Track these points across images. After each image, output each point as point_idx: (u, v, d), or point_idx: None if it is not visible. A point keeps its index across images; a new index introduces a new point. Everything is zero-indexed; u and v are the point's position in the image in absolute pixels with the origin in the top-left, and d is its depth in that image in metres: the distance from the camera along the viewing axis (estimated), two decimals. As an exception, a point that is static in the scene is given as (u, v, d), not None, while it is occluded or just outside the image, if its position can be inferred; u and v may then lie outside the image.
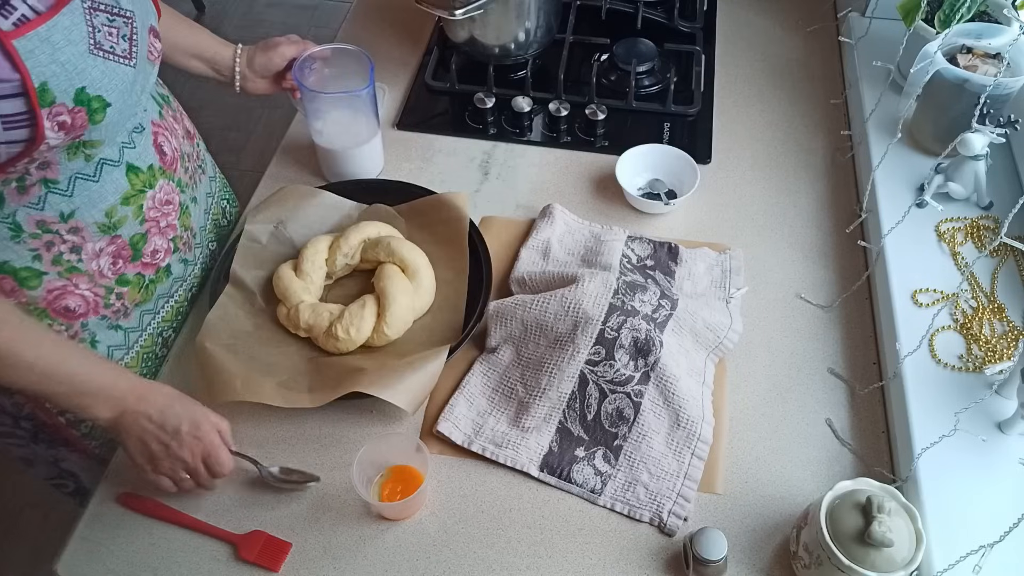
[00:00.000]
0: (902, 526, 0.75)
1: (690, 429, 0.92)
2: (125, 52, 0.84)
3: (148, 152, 0.94)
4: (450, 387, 0.98)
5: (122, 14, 0.84)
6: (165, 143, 0.98)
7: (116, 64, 0.83)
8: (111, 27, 0.83)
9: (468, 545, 0.86)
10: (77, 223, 0.89)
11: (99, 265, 0.93)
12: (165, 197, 0.97)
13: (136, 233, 0.95)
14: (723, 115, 1.29)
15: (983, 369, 0.93)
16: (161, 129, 0.97)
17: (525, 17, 1.30)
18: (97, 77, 0.80)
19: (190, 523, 0.88)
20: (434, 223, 1.10)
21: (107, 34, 0.82)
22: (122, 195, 0.91)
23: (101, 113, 0.82)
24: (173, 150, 1.00)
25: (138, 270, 0.97)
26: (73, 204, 0.87)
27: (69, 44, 0.77)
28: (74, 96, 0.79)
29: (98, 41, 0.80)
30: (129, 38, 0.85)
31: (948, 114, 1.10)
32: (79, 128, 0.81)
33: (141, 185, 0.93)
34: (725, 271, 1.07)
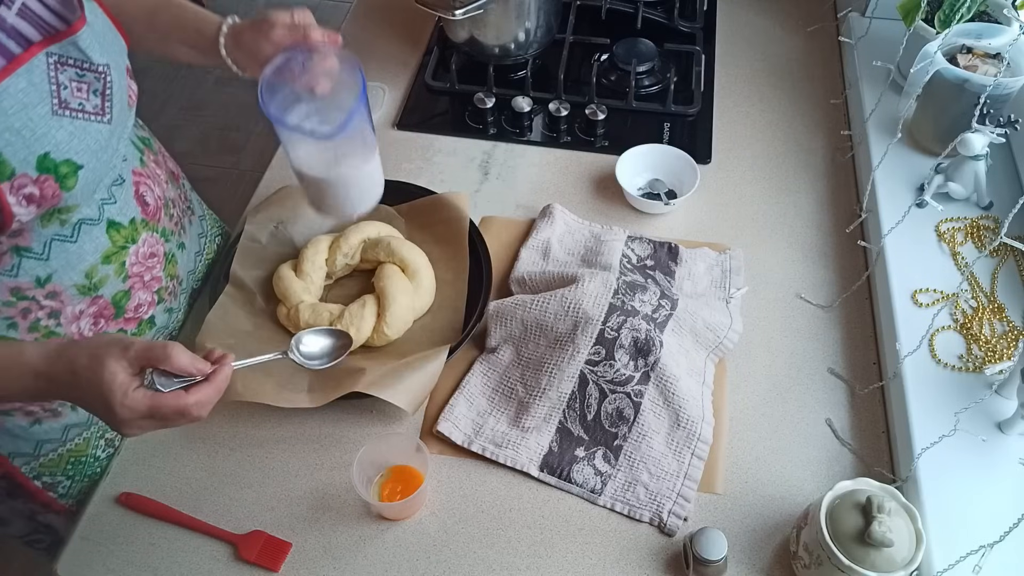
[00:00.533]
0: (902, 526, 0.75)
1: (690, 429, 0.92)
2: (97, 108, 0.77)
3: (130, 205, 0.88)
4: (450, 387, 0.98)
5: (93, 69, 0.77)
6: (148, 192, 0.91)
7: (86, 122, 0.76)
8: (80, 82, 0.76)
9: (468, 545, 0.86)
10: (55, 287, 0.82)
11: (79, 327, 0.87)
12: (149, 250, 0.92)
13: (119, 291, 0.89)
14: (723, 115, 1.29)
15: (983, 369, 0.93)
16: (143, 178, 0.91)
17: (525, 17, 1.30)
18: (63, 140, 0.73)
19: (190, 523, 0.88)
20: (434, 223, 1.10)
21: (75, 91, 0.75)
22: (103, 254, 0.85)
23: (72, 178, 0.75)
24: (156, 199, 0.93)
25: (120, 326, 0.92)
26: (50, 268, 0.81)
27: (24, 108, 0.70)
28: (36, 164, 0.71)
29: (63, 100, 0.73)
30: (102, 92, 0.78)
31: (948, 114, 1.10)
32: (51, 199, 0.74)
33: (123, 241, 0.87)
34: (725, 271, 1.07)
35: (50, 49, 0.73)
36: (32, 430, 0.91)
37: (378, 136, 1.27)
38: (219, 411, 0.96)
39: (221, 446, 0.94)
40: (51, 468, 0.95)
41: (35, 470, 0.95)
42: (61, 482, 0.97)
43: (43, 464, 0.94)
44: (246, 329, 1.01)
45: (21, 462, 0.93)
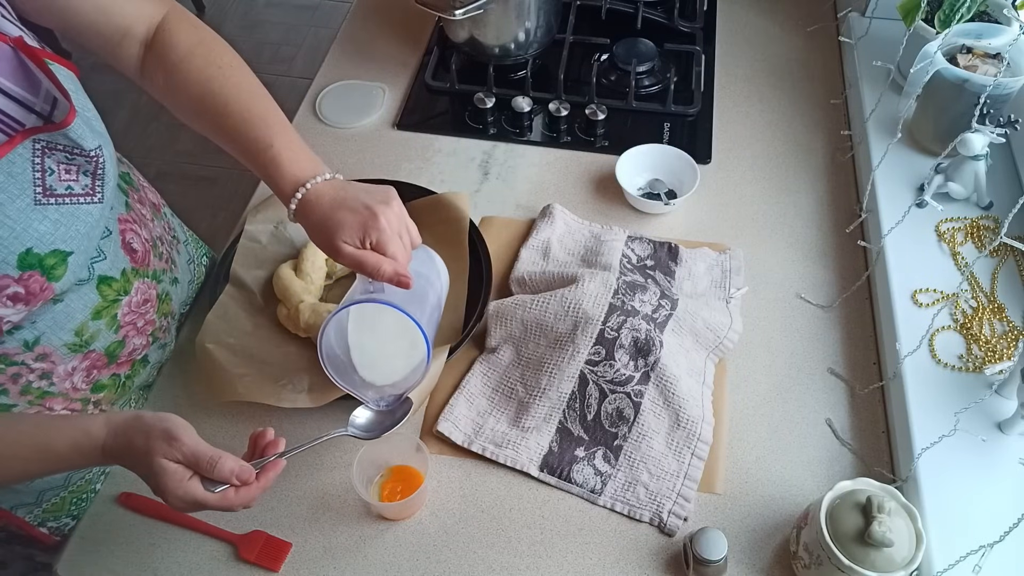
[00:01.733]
0: (902, 526, 0.75)
1: (690, 429, 0.92)
2: (87, 189, 0.72)
3: (119, 257, 0.83)
4: (450, 387, 0.98)
5: (84, 154, 0.72)
6: (135, 239, 0.86)
7: (75, 207, 0.71)
8: (69, 165, 0.70)
9: (468, 545, 0.86)
10: (44, 349, 0.78)
11: (72, 383, 0.84)
12: (142, 298, 0.88)
13: (112, 342, 0.86)
14: (723, 115, 1.29)
15: (983, 369, 0.92)
16: (129, 224, 0.86)
17: (525, 17, 1.30)
18: (47, 231, 0.68)
19: (190, 523, 0.88)
20: (434, 223, 1.10)
21: (62, 174, 0.70)
22: (92, 310, 0.81)
23: (61, 267, 0.70)
24: (144, 243, 0.88)
25: (113, 372, 0.89)
26: (37, 331, 0.77)
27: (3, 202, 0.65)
28: (17, 263, 0.67)
29: (48, 187, 0.68)
30: (92, 173, 0.73)
31: (948, 114, 1.10)
32: (41, 293, 0.70)
33: (115, 295, 0.83)
34: (725, 271, 1.07)
35: (38, 136, 0.68)
36: (33, 484, 0.89)
37: (378, 135, 1.28)
38: (219, 411, 0.96)
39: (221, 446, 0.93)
40: (55, 513, 0.93)
41: (39, 517, 0.92)
42: (67, 523, 0.95)
43: (46, 511, 0.93)
44: (246, 329, 1.01)
45: (24, 512, 0.91)
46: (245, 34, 3.10)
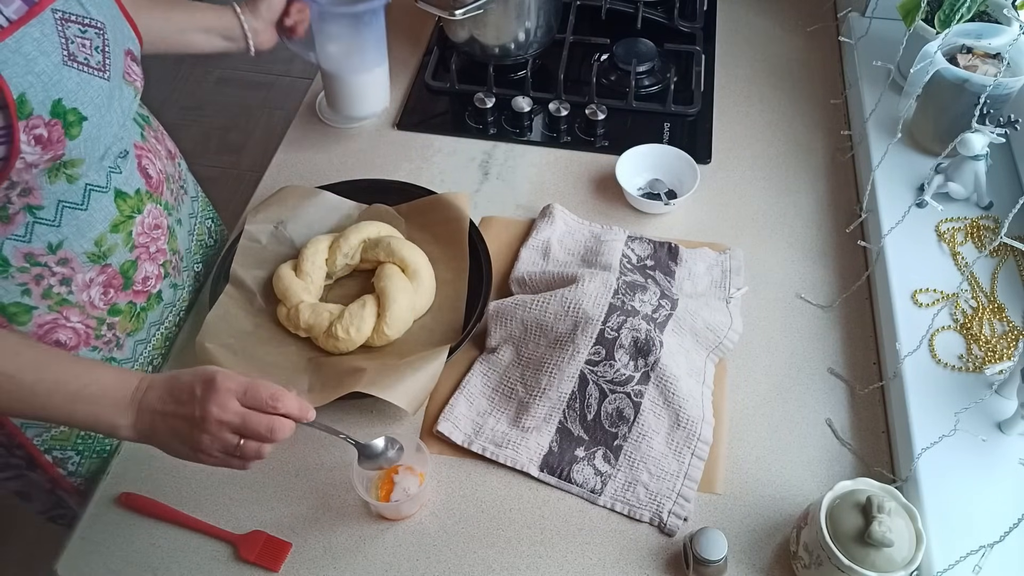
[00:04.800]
0: (902, 526, 0.75)
1: (690, 429, 0.92)
2: (99, 64, 0.81)
3: (134, 176, 0.91)
4: (450, 387, 0.98)
5: (93, 25, 0.81)
6: (150, 165, 0.95)
7: (91, 76, 0.79)
8: (83, 38, 0.79)
9: (468, 545, 0.86)
10: (66, 253, 0.85)
11: (90, 296, 0.89)
12: (154, 221, 0.95)
13: (126, 260, 0.92)
14: (723, 115, 1.29)
15: (983, 369, 0.93)
16: (145, 151, 0.94)
17: (525, 17, 1.30)
18: (72, 89, 0.77)
19: (190, 523, 0.88)
20: (434, 223, 1.10)
21: (80, 45, 0.79)
22: (111, 222, 0.88)
23: (77, 127, 0.78)
24: (158, 172, 0.96)
25: (129, 299, 0.94)
26: (61, 234, 0.84)
27: (42, 55, 0.74)
28: (51, 108, 0.75)
29: (72, 52, 0.77)
30: (102, 50, 0.82)
31: (948, 114, 1.10)
32: (56, 144, 0.77)
33: (129, 211, 0.90)
34: (725, 271, 1.07)
35: (55, 5, 0.76)
36: None
37: (378, 135, 1.28)
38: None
39: (221, 446, 0.94)
40: (61, 442, 0.96)
41: (46, 443, 0.95)
42: (71, 457, 0.98)
43: (54, 437, 0.95)
44: (246, 329, 1.01)
45: (32, 433, 0.94)
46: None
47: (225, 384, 0.72)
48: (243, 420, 0.72)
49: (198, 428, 0.72)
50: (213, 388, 0.72)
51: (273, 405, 0.74)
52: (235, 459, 0.74)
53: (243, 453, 0.74)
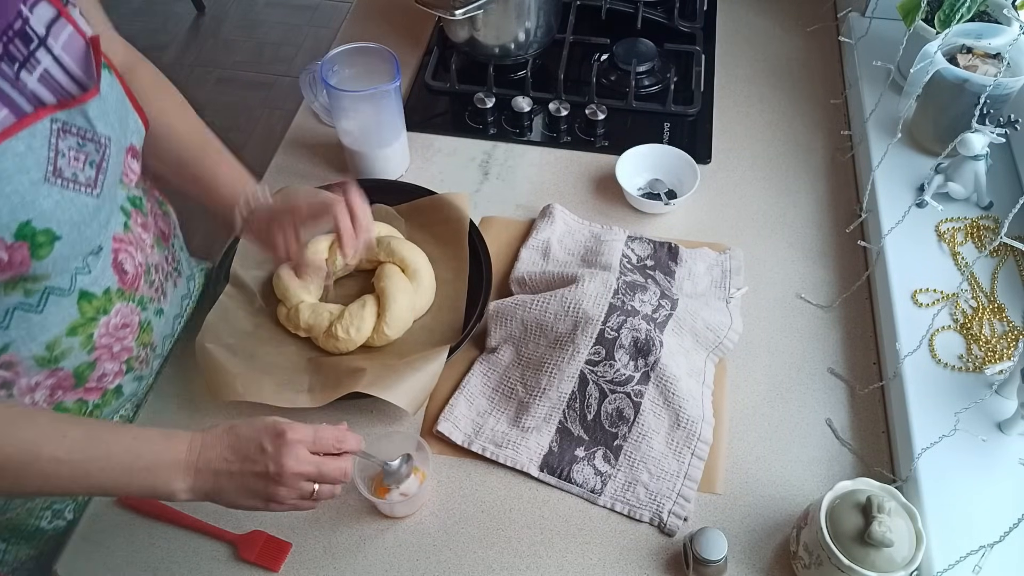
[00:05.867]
0: (902, 526, 0.75)
1: (690, 429, 0.92)
2: (89, 180, 0.74)
3: (106, 275, 0.82)
4: (450, 387, 0.98)
5: (95, 140, 0.74)
6: (128, 260, 0.85)
7: (75, 194, 0.72)
8: (79, 152, 0.73)
9: (468, 545, 0.86)
10: (11, 357, 0.77)
11: (33, 399, 0.81)
12: (122, 321, 0.86)
13: (83, 363, 0.83)
14: (723, 115, 1.29)
15: (983, 369, 0.93)
16: (124, 245, 0.85)
17: (525, 17, 1.30)
18: (48, 209, 0.69)
19: (190, 523, 0.88)
20: (434, 223, 1.10)
21: (71, 159, 0.72)
22: (69, 325, 0.79)
23: (47, 248, 0.70)
24: (137, 266, 0.87)
25: (79, 396, 0.85)
26: (7, 337, 0.75)
27: (20, 172, 0.67)
28: (16, 231, 0.67)
29: (59, 168, 0.70)
30: (97, 165, 0.75)
31: (948, 114, 1.10)
32: (18, 266, 0.70)
33: (93, 312, 0.81)
34: (725, 271, 1.07)
35: (56, 115, 0.71)
36: None
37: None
38: (219, 411, 0.96)
39: (221, 446, 0.94)
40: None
41: None
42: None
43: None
44: (246, 329, 1.01)
45: None
46: (245, 34, 3.10)
47: (296, 436, 0.72)
48: (319, 469, 0.73)
49: (274, 482, 0.72)
50: (285, 441, 0.71)
51: (340, 444, 0.75)
52: (307, 502, 0.75)
53: (319, 497, 0.74)
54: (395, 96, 1.12)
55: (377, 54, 1.11)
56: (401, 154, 1.21)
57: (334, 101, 1.12)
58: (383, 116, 1.14)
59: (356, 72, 1.13)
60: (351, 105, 1.12)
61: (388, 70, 1.09)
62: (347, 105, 1.12)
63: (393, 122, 1.16)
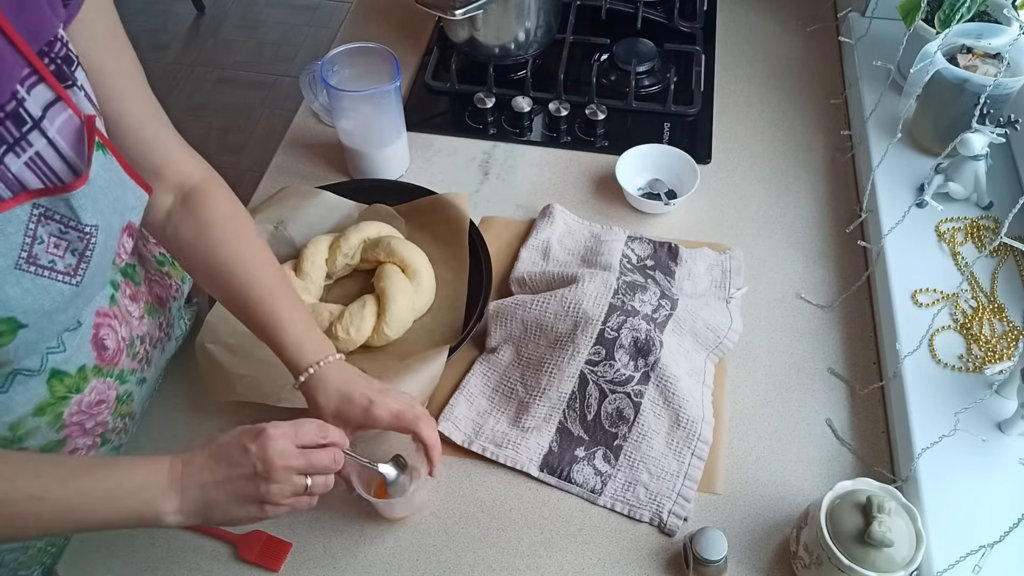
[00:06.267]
0: (902, 526, 0.75)
1: (690, 429, 0.92)
2: (69, 268, 0.69)
3: (82, 352, 0.77)
4: (450, 387, 0.98)
5: (79, 229, 0.68)
6: (109, 335, 0.80)
7: (50, 281, 0.67)
8: (60, 239, 0.67)
9: (468, 545, 0.86)
10: None
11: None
12: (97, 398, 0.80)
13: (51, 441, 0.78)
14: (723, 115, 1.29)
15: (983, 369, 0.93)
16: (108, 319, 0.79)
17: (525, 17, 1.30)
18: (15, 297, 0.64)
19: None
20: (434, 223, 1.10)
21: (50, 247, 0.67)
22: (36, 406, 0.74)
23: (9, 336, 0.66)
24: (119, 340, 0.82)
25: None
26: None
27: None
28: None
29: (33, 255, 0.65)
30: (80, 253, 0.69)
31: (948, 114, 1.10)
32: None
33: (65, 391, 0.76)
34: (725, 271, 1.07)
35: (38, 201, 0.66)
36: None
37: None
38: (219, 411, 0.96)
39: (221, 446, 0.94)
40: None
41: None
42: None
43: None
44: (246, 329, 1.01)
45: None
46: (245, 34, 3.10)
47: (277, 431, 0.70)
48: (307, 459, 0.72)
49: (264, 480, 0.69)
50: (266, 437, 0.70)
51: (324, 436, 0.74)
52: (304, 498, 0.73)
53: (313, 490, 0.73)
54: (395, 96, 1.12)
55: (377, 54, 1.11)
56: (401, 154, 1.21)
57: (334, 101, 1.12)
58: (383, 116, 1.14)
59: (356, 72, 1.13)
60: (351, 105, 1.12)
61: (388, 70, 1.09)
62: (347, 105, 1.12)
63: (393, 122, 1.16)
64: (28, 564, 0.89)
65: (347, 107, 1.13)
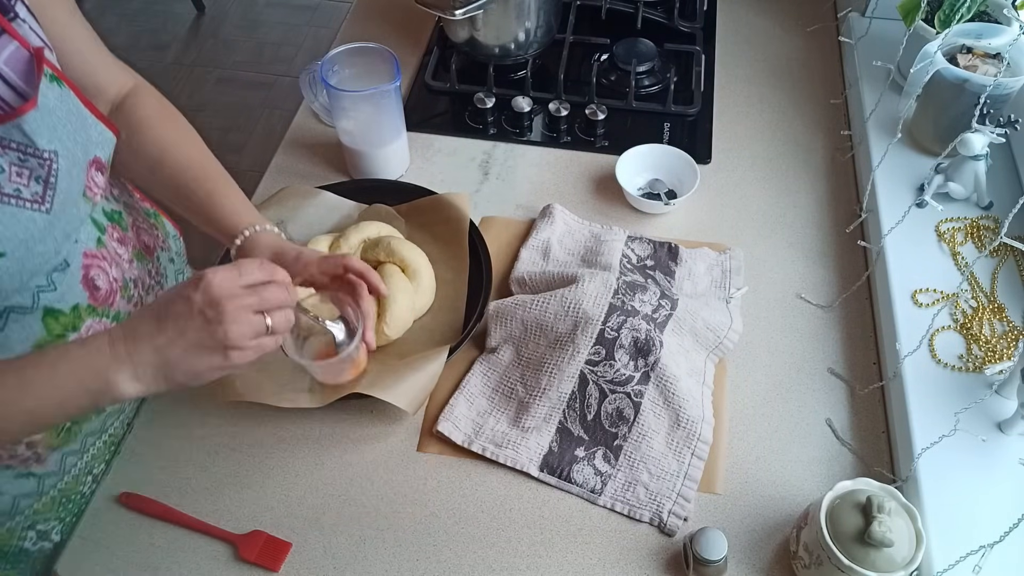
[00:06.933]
0: (902, 526, 0.75)
1: (690, 429, 0.92)
2: (36, 196, 0.70)
3: (74, 291, 0.79)
4: (450, 387, 0.98)
5: (38, 155, 0.70)
6: (100, 276, 0.82)
7: (18, 209, 0.68)
8: (21, 167, 0.69)
9: (468, 545, 0.86)
10: None
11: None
12: None
13: None
14: (723, 115, 1.29)
15: (983, 369, 0.93)
16: (97, 260, 0.81)
17: (525, 17, 1.30)
18: None
19: (190, 523, 0.88)
20: (434, 223, 1.10)
21: (12, 175, 0.68)
22: (34, 343, 0.76)
23: None
24: (111, 282, 0.83)
25: None
26: None
27: None
28: None
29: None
30: (44, 180, 0.71)
31: (948, 114, 1.10)
32: None
33: (61, 330, 0.78)
34: (725, 271, 1.07)
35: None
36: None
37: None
38: (219, 411, 0.96)
39: (221, 446, 0.94)
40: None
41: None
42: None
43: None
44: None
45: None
46: (245, 34, 3.10)
47: (217, 273, 0.67)
48: (259, 295, 0.69)
49: (217, 323, 0.66)
50: (207, 281, 0.67)
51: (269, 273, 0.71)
52: (268, 339, 0.70)
53: (275, 328, 0.70)
54: (395, 96, 1.12)
55: (377, 54, 1.11)
56: (401, 154, 1.21)
57: (334, 101, 1.12)
58: (383, 116, 1.14)
59: (356, 72, 1.13)
60: (351, 105, 1.12)
61: (388, 70, 1.09)
62: (347, 105, 1.12)
63: (393, 122, 1.16)
64: (45, 514, 0.90)
65: (347, 107, 1.13)
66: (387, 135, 1.17)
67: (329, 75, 1.10)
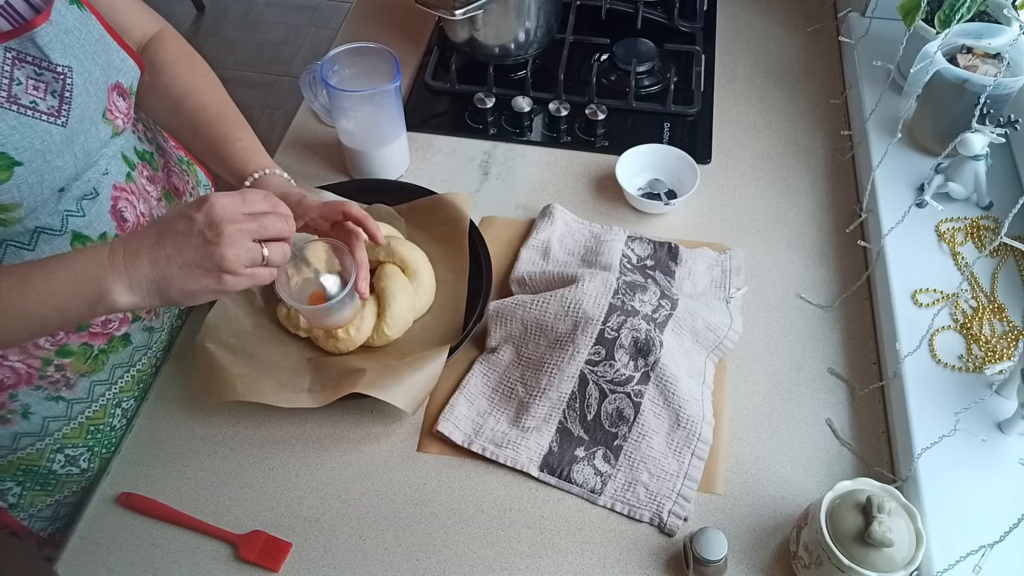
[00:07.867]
0: (902, 526, 0.75)
1: (690, 429, 0.92)
2: (52, 109, 0.73)
3: (102, 219, 0.82)
4: (450, 387, 0.98)
5: (52, 70, 0.73)
6: (128, 208, 0.85)
7: (35, 120, 0.72)
8: (37, 80, 0.72)
9: (468, 545, 0.86)
10: None
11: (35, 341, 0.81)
12: None
13: None
14: (723, 115, 1.29)
15: (983, 369, 0.93)
16: (125, 194, 0.85)
17: (525, 17, 1.30)
18: (4, 132, 0.69)
19: (190, 523, 0.88)
20: (434, 223, 1.10)
21: (30, 87, 0.72)
22: None
23: (6, 172, 0.70)
24: (138, 215, 0.87)
25: (84, 340, 0.86)
26: None
27: None
28: None
29: (13, 95, 0.70)
30: (59, 94, 0.74)
31: (948, 114, 1.10)
32: None
33: None
34: (725, 271, 1.07)
35: (9, 44, 0.70)
36: None
37: (378, 136, 1.28)
38: (219, 411, 0.96)
39: (221, 446, 0.94)
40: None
41: None
42: (10, 488, 0.93)
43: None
44: (246, 329, 1.01)
45: None
46: (245, 34, 3.10)
47: (222, 197, 0.69)
48: (259, 222, 0.70)
49: (215, 244, 0.67)
50: (211, 203, 0.68)
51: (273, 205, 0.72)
52: (263, 269, 0.71)
53: (271, 260, 0.71)
54: (395, 96, 1.12)
55: (377, 54, 1.11)
56: (401, 154, 1.21)
57: (334, 101, 1.12)
58: (383, 116, 1.14)
59: (356, 72, 1.13)
60: (351, 105, 1.12)
61: (388, 70, 1.09)
62: (347, 105, 1.12)
63: (393, 122, 1.16)
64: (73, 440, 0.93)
65: (347, 107, 1.13)
66: (387, 135, 1.17)
67: (329, 75, 1.10)
